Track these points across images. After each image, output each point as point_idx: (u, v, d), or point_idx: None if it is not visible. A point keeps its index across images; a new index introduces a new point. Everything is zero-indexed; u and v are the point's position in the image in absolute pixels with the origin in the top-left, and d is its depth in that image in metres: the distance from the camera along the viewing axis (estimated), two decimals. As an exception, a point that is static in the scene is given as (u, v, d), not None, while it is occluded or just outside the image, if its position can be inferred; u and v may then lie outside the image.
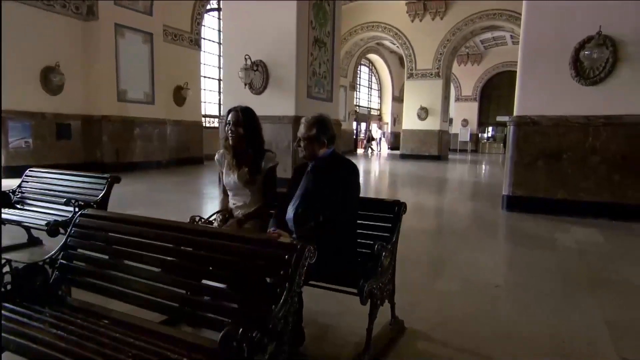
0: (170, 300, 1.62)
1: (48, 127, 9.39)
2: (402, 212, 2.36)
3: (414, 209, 6.61)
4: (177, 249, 1.70)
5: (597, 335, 2.43)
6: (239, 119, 2.47)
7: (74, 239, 1.89)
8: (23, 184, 3.91)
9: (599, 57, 5.54)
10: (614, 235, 4.92)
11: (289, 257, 1.40)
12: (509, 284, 3.25)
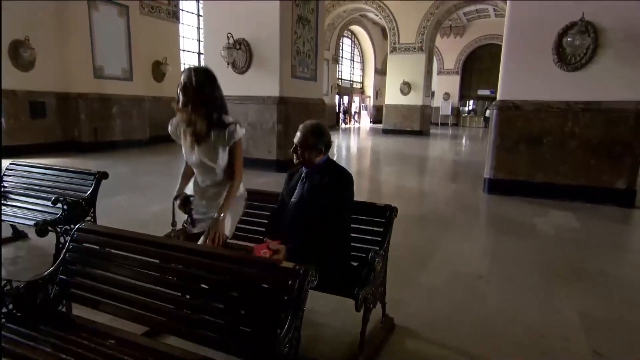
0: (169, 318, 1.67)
1: (21, 105, 9.05)
2: (393, 217, 2.42)
3: (396, 192, 6.77)
4: (176, 269, 1.74)
5: (572, 328, 2.60)
6: (190, 79, 2.10)
7: (72, 253, 1.91)
8: (5, 178, 3.83)
9: (580, 43, 5.62)
10: (589, 220, 5.15)
11: (292, 283, 1.45)
12: (491, 275, 3.39)
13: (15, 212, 3.40)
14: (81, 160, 8.94)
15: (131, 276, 1.79)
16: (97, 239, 1.92)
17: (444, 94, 28.26)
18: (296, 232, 2.13)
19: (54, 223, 3.12)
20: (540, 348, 2.38)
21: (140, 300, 1.73)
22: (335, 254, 2.15)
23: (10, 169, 3.87)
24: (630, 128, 5.71)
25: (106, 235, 1.92)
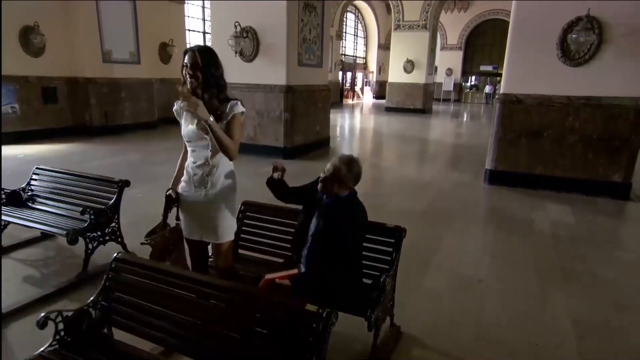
0: (199, 348, 1.83)
1: (33, 91, 9.08)
2: (402, 237, 2.56)
3: (399, 182, 6.87)
4: (204, 303, 1.88)
5: (564, 335, 2.78)
6: (196, 62, 2.09)
7: (111, 282, 2.06)
8: (32, 182, 3.95)
9: (585, 40, 5.60)
10: (584, 216, 5.27)
11: (316, 326, 1.61)
12: (490, 277, 3.55)
13: (45, 218, 3.55)
14: (92, 145, 9.06)
15: (165, 306, 1.95)
16: (133, 269, 2.07)
17: (446, 69, 27.92)
18: (313, 261, 2.25)
19: (83, 232, 3.28)
20: (534, 355, 2.57)
21: (173, 330, 1.89)
22: (347, 280, 2.27)
23: (37, 173, 3.99)
24: (629, 124, 5.76)
25: (140, 267, 2.07)
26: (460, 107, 24.81)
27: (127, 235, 3.72)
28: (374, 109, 21.94)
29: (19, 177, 6.20)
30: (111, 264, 2.09)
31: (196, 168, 2.29)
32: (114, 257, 2.11)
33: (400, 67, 18.92)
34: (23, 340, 2.62)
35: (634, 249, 4.25)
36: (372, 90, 29.50)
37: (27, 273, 3.46)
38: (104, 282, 2.07)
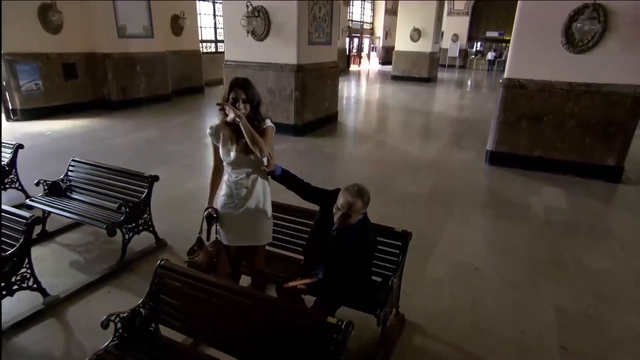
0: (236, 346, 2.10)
1: (54, 67, 9.12)
2: (409, 241, 2.76)
3: (404, 164, 6.95)
4: (235, 311, 2.12)
5: (547, 324, 3.03)
6: (247, 96, 2.36)
7: (157, 286, 2.31)
8: (69, 173, 4.14)
9: (589, 29, 5.56)
10: (577, 201, 5.43)
11: (336, 336, 1.85)
12: (486, 267, 3.78)
13: (85, 210, 3.78)
14: (112, 121, 9.19)
15: (203, 309, 2.20)
16: (174, 276, 2.30)
17: (452, 35, 27.17)
18: (330, 276, 2.40)
19: (120, 224, 3.53)
20: (520, 343, 2.84)
21: (209, 330, 2.16)
22: (359, 289, 2.48)
23: (72, 165, 4.18)
24: (626, 110, 5.80)
25: (180, 274, 2.29)
26: (465, 75, 24.35)
27: (156, 220, 3.96)
28: (380, 77, 21.62)
29: (50, 157, 6.48)
30: (156, 270, 2.32)
31: (238, 182, 2.48)
32: (158, 264, 2.33)
33: (407, 35, 18.49)
34: (79, 323, 2.93)
35: (619, 237, 4.43)
36: (378, 56, 28.90)
37: (72, 258, 3.73)
38: (151, 286, 2.31)
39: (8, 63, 8.20)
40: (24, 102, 8.65)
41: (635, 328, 3.04)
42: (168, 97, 11.77)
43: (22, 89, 8.54)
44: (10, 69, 8.25)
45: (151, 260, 3.75)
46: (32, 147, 6.91)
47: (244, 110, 2.36)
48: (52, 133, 7.95)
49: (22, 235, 2.82)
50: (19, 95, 8.52)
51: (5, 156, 4.62)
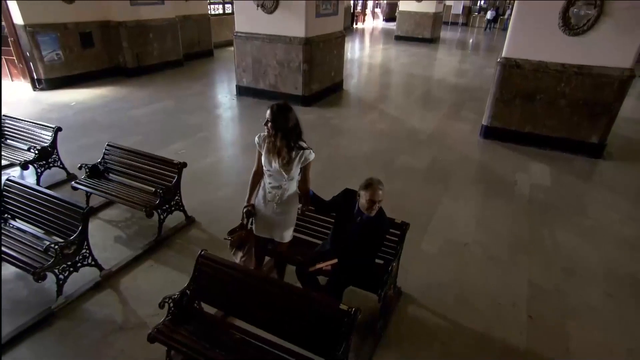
0: (267, 322, 2.52)
1: (72, 37, 9.08)
2: (406, 230, 3.12)
3: (406, 136, 7.13)
4: (265, 298, 2.51)
5: (520, 296, 3.46)
6: (274, 120, 2.58)
7: (198, 272, 2.70)
8: (105, 157, 4.43)
9: (585, 14, 5.57)
10: (559, 176, 5.73)
11: (347, 320, 2.25)
12: (474, 242, 4.16)
13: (123, 192, 4.12)
14: (128, 89, 9.30)
15: (233, 290, 2.60)
16: (211, 265, 2.67)
17: (457, -8, 26.00)
18: (349, 254, 2.80)
19: (156, 207, 3.88)
20: (496, 313, 3.28)
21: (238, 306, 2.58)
22: (369, 265, 2.89)
23: (108, 149, 4.46)
24: (613, 92, 5.95)
25: (215, 262, 2.66)
26: (466, 34, 23.64)
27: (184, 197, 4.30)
28: (384, 37, 21.06)
29: (78, 130, 6.72)
30: (197, 259, 2.69)
31: (272, 189, 2.80)
32: (199, 254, 2.71)
33: (411, -5, 17.85)
34: (131, 293, 3.37)
35: (592, 215, 4.78)
36: (382, 13, 27.86)
37: (115, 234, 4.13)
38: (194, 272, 2.69)
39: (30, 34, 8.20)
40: (48, 71, 8.73)
41: (590, 300, 3.47)
42: (180, 62, 11.73)
43: (45, 59, 8.59)
44: (32, 40, 8.25)
45: (183, 236, 4.16)
46: (61, 120, 7.16)
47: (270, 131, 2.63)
48: (76, 104, 8.13)
49: (81, 223, 3.19)
50: (42, 65, 8.59)
51: (46, 138, 4.91)
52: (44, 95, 8.50)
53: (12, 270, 3.41)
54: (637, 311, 3.37)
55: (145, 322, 3.05)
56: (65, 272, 3.15)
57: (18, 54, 8.31)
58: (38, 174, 4.81)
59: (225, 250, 3.13)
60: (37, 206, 3.41)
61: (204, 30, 13.10)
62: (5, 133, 5.22)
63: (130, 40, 10.01)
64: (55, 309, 3.10)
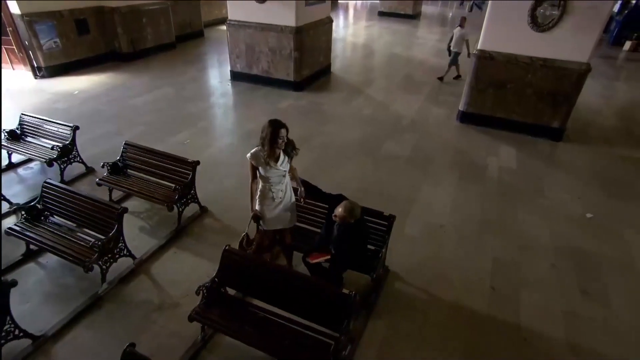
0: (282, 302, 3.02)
1: (68, 24, 8.95)
2: (393, 222, 3.59)
3: (391, 123, 7.45)
4: (281, 288, 2.99)
5: (485, 270, 4.04)
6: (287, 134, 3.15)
7: (223, 264, 3.15)
8: (124, 154, 4.74)
9: (550, 14, 5.91)
10: (525, 159, 6.25)
11: (349, 302, 2.75)
12: (448, 224, 4.69)
13: (144, 188, 4.46)
14: (127, 76, 9.32)
15: (253, 277, 3.07)
16: (234, 257, 3.13)
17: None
18: (336, 251, 3.27)
19: (176, 201, 4.27)
20: (466, 287, 3.83)
21: (264, 292, 3.06)
22: (359, 259, 3.38)
23: (125, 148, 4.75)
24: (572, 83, 6.40)
25: (237, 255, 3.13)
26: (446, 8, 23.46)
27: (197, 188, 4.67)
28: (367, 13, 20.79)
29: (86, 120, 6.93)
30: (223, 253, 3.13)
31: (277, 190, 3.24)
32: (224, 248, 3.14)
33: (394, -28, 17.58)
34: (161, 277, 3.81)
35: (549, 196, 5.35)
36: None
37: (139, 225, 4.51)
38: (220, 263, 3.15)
39: (27, 23, 8.09)
40: (47, 59, 8.68)
41: (538, 271, 4.06)
42: (173, 45, 11.63)
43: (44, 47, 8.52)
44: (30, 29, 8.16)
45: (199, 225, 4.56)
46: (67, 110, 7.31)
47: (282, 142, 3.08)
48: (78, 92, 8.19)
49: (117, 221, 3.58)
50: (41, 53, 8.52)
51: (66, 135, 5.14)
52: (45, 84, 8.50)
53: (54, 259, 3.83)
54: (574, 279, 3.99)
55: (178, 303, 3.53)
56: (107, 263, 3.57)
57: (17, 43, 8.22)
58: (61, 169, 5.09)
59: (236, 237, 3.57)
60: (76, 206, 3.76)
61: (194, 11, 12.86)
62: (25, 130, 5.43)
63: (124, 25, 9.89)
64: (102, 293, 3.54)
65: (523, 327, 3.44)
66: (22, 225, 3.78)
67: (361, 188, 5.26)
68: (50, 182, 3.93)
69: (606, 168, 6.17)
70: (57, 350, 3.09)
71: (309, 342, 2.82)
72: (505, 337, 3.36)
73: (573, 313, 3.59)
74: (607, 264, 4.20)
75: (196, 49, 12.08)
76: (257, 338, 2.87)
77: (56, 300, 3.52)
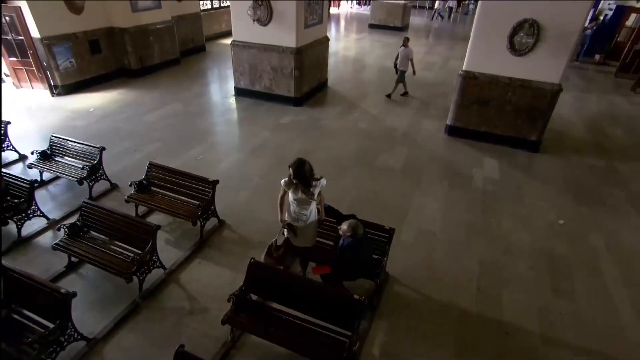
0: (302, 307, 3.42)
1: (82, 45, 9.23)
2: (393, 234, 4.02)
3: (385, 136, 7.85)
4: (300, 294, 3.40)
5: (472, 272, 4.48)
6: (295, 175, 3.43)
7: (250, 274, 3.54)
8: (148, 173, 5.09)
9: (526, 42, 6.40)
10: (506, 169, 6.73)
11: (358, 307, 3.17)
12: (439, 230, 5.12)
13: (169, 205, 4.83)
14: (137, 92, 9.60)
15: (273, 284, 3.48)
16: (259, 269, 3.53)
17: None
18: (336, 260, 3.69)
19: (199, 217, 4.64)
20: (455, 287, 4.27)
21: (285, 298, 3.47)
22: (363, 269, 3.80)
23: (149, 168, 5.10)
24: (546, 101, 6.89)
25: (261, 267, 3.53)
26: (431, 20, 24.01)
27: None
28: (358, 24, 21.25)
29: (105, 137, 7.22)
30: (248, 266, 3.53)
31: (299, 212, 3.60)
32: (249, 261, 3.54)
33: (383, -13, 18.07)
34: (191, 286, 4.18)
35: (527, 204, 5.82)
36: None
37: (165, 237, 4.85)
38: (247, 274, 3.54)
39: (47, 46, 8.37)
40: (63, 78, 8.96)
41: (518, 272, 4.52)
42: (177, 60, 11.94)
43: (60, 67, 8.79)
44: (49, 51, 8.44)
45: (219, 237, 4.93)
46: (86, 128, 7.61)
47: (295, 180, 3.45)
48: (94, 109, 8.48)
49: (152, 237, 3.95)
50: (58, 73, 8.80)
51: (93, 153, 5.48)
52: (62, 101, 8.78)
53: (92, 270, 4.19)
54: (548, 279, 4.45)
55: (207, 308, 3.91)
56: (143, 274, 3.94)
57: (37, 64, 8.49)
58: (90, 187, 5.43)
59: (254, 249, 3.96)
60: (113, 223, 4.12)
61: (196, 27, 13.20)
62: (54, 151, 5.75)
63: (133, 44, 10.19)
64: (139, 300, 3.91)
65: (505, 322, 3.89)
66: (66, 241, 4.13)
67: (359, 198, 5.68)
68: (89, 202, 4.29)
69: (576, 177, 6.67)
70: (107, 351, 3.46)
71: (325, 340, 3.24)
72: (490, 331, 3.80)
73: (546, 309, 4.06)
74: (575, 265, 4.68)
75: (199, 64, 12.40)
76: (281, 337, 3.28)
77: (99, 307, 3.88)
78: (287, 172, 3.51)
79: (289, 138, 7.50)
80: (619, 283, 4.45)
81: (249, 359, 3.43)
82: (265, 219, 5.11)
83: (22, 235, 4.62)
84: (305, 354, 3.19)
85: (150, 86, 10.10)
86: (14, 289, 3.20)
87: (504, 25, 6.54)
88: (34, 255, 4.47)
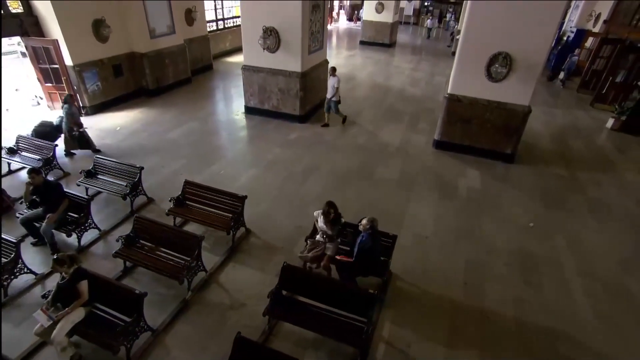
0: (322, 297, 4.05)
1: (107, 69, 9.73)
2: (395, 240, 4.68)
3: (380, 150, 8.49)
4: (325, 290, 4.03)
5: (459, 270, 5.15)
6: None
7: (282, 277, 4.15)
8: (185, 190, 5.67)
9: (500, 71, 7.14)
10: (486, 179, 7.45)
11: (372, 299, 3.80)
12: (432, 234, 5.79)
13: (206, 217, 5.40)
14: (156, 111, 10.08)
15: (301, 282, 4.10)
16: (290, 273, 4.14)
17: (409, -4, 26.91)
18: (360, 258, 4.36)
19: (232, 227, 5.23)
20: (445, 281, 4.94)
21: (313, 293, 4.09)
22: (374, 265, 4.45)
23: (186, 186, 5.67)
24: (519, 120, 7.64)
25: (292, 269, 4.15)
26: (416, 36, 24.82)
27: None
28: (349, 40, 21.94)
29: (131, 156, 7.70)
30: (282, 269, 4.14)
31: (328, 237, 4.31)
32: (282, 265, 4.16)
33: (372, 8, 18.82)
34: (228, 286, 4.76)
35: (505, 210, 6.52)
36: (346, 14, 28.42)
37: (202, 244, 5.42)
38: (280, 276, 4.15)
39: (78, 72, 8.88)
40: (91, 100, 9.45)
41: (497, 269, 5.21)
42: (189, 79, 12.46)
43: (89, 91, 9.28)
44: (79, 77, 8.94)
45: (247, 243, 5.50)
46: (115, 146, 8.12)
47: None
48: (120, 128, 8.98)
49: (198, 246, 4.54)
50: (86, 95, 9.30)
51: (132, 172, 6.02)
52: (90, 121, 9.24)
53: (143, 273, 4.74)
54: (521, 273, 5.15)
55: (245, 303, 4.51)
56: (191, 277, 4.53)
57: (69, 88, 8.94)
58: (132, 201, 5.97)
59: (276, 252, 4.59)
60: (162, 234, 4.70)
61: (204, 46, 13.72)
62: (97, 170, 6.28)
63: (151, 66, 10.70)
64: (188, 299, 4.50)
65: (487, 310, 4.58)
66: (123, 249, 4.69)
67: (361, 207, 6.31)
68: (140, 217, 4.86)
69: (545, 185, 7.43)
70: (168, 341, 4.04)
71: (346, 325, 3.87)
72: (474, 317, 4.48)
73: (520, 298, 4.75)
74: (542, 261, 5.40)
75: (209, 82, 12.93)
76: (311, 323, 3.90)
77: (155, 304, 4.44)
78: (300, 187, 4.23)
79: (297, 154, 8.10)
80: (575, 274, 5.18)
81: (285, 343, 4.04)
82: (284, 227, 5.73)
83: (82, 245, 5.16)
84: (332, 336, 3.82)
85: (167, 105, 10.59)
86: (96, 291, 3.77)
87: (482, 57, 7.27)
88: (93, 261, 5.01)
